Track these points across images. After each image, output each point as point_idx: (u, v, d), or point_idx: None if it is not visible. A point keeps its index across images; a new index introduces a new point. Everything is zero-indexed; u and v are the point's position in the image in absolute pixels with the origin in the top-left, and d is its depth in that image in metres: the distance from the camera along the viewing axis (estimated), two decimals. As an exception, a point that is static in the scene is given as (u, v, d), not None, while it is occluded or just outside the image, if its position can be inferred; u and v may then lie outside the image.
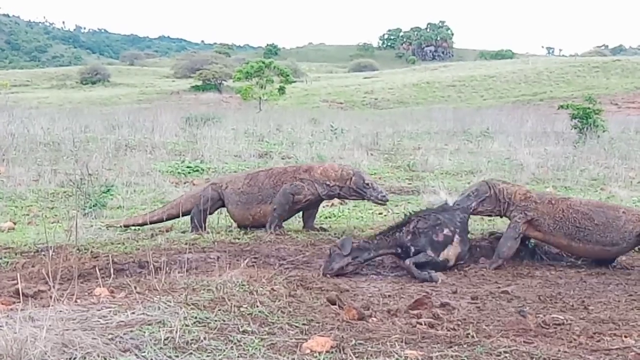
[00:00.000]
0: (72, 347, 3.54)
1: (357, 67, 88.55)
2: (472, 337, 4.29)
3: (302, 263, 6.69)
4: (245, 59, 70.21)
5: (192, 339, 3.84)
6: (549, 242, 7.05)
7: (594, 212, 6.84)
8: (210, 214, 8.36)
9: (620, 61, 65.36)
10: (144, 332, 3.87)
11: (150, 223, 8.35)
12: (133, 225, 8.51)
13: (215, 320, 4.20)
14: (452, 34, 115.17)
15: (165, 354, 3.60)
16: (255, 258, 6.65)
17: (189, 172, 13.62)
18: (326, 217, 9.37)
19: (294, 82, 49.84)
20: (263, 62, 44.35)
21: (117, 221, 8.82)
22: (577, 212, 6.83)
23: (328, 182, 7.95)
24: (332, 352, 3.83)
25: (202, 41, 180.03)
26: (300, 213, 8.37)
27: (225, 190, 8.30)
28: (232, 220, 8.51)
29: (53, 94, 57.77)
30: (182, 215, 8.54)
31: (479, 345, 4.08)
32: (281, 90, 43.24)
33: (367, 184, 7.84)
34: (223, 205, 8.41)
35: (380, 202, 7.92)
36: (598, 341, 4.29)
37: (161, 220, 8.55)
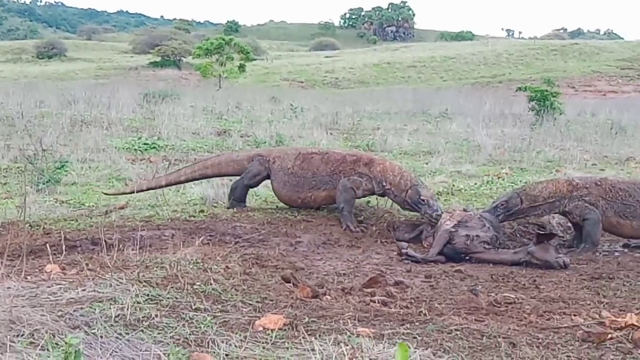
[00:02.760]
0: (19, 324, 3.47)
1: (318, 46, 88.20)
2: (425, 315, 4.33)
3: (258, 241, 6.66)
4: (205, 35, 69.28)
5: (143, 317, 3.81)
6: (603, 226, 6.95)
7: (633, 189, 6.92)
8: (254, 187, 8.42)
9: (579, 45, 66.22)
10: (95, 309, 3.82)
11: (176, 184, 8.65)
12: (156, 188, 8.49)
13: (168, 298, 4.17)
14: (414, 15, 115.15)
15: (115, 331, 3.56)
16: (210, 236, 6.62)
17: (146, 149, 13.46)
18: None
19: (255, 60, 49.45)
20: (223, 39, 43.81)
21: (138, 184, 8.75)
22: (621, 190, 6.88)
23: (384, 183, 7.62)
24: (284, 330, 3.83)
25: (162, 16, 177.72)
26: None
27: (273, 165, 8.06)
28: (196, 194, 8.53)
29: (8, 68, 56.56)
30: (215, 177, 8.77)
31: (430, 323, 4.12)
32: (241, 68, 42.85)
33: (423, 200, 7.34)
34: (266, 179, 8.27)
35: (433, 220, 7.30)
36: (548, 320, 4.36)
37: (192, 180, 8.70)
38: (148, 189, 8.49)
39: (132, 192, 8.53)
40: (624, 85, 48.47)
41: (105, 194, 8.92)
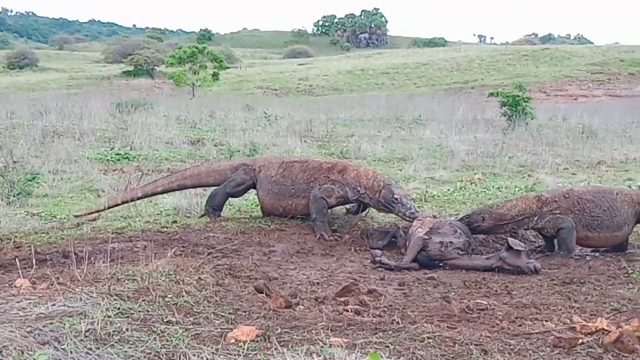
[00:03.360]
0: (-13, 341, 3.43)
1: (292, 54, 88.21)
2: (397, 323, 4.34)
3: (232, 251, 6.63)
4: (178, 44, 69.12)
5: (114, 331, 3.77)
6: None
7: (598, 198, 6.91)
8: (236, 197, 8.39)
9: (549, 50, 66.82)
10: (64, 324, 3.78)
11: (152, 195, 8.51)
12: (131, 201, 8.27)
13: (139, 311, 4.13)
14: (386, 22, 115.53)
15: (85, 346, 3.53)
16: (183, 247, 6.58)
17: (118, 159, 13.36)
18: (257, 204, 9.18)
19: (228, 68, 49.29)
20: (196, 48, 43.69)
21: (114, 198, 8.52)
22: (587, 202, 6.87)
23: (358, 188, 7.61)
24: (257, 341, 3.81)
25: (134, 25, 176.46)
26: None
27: (258, 174, 8.05)
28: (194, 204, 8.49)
29: (-22, 79, 55.90)
30: (194, 188, 8.67)
31: (403, 332, 4.13)
32: (215, 76, 42.72)
33: (396, 199, 7.38)
34: (250, 188, 8.27)
35: (408, 218, 7.36)
36: (520, 326, 4.39)
37: (169, 191, 8.56)
38: (123, 203, 8.28)
39: (104, 209, 8.31)
40: (594, 90, 49.01)
41: (76, 215, 8.34)
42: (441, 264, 6.46)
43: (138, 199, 8.33)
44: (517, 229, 7.14)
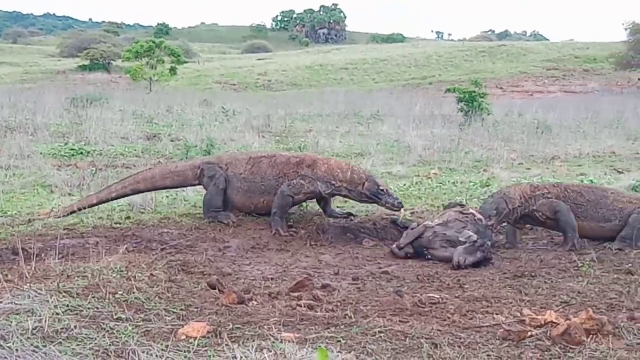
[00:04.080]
0: None
1: (251, 49, 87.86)
2: (350, 317, 4.35)
3: (186, 247, 6.57)
4: (135, 38, 68.16)
5: (62, 328, 3.72)
6: (554, 226, 7.29)
7: (585, 190, 7.34)
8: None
9: (506, 46, 67.64)
10: (11, 322, 3.72)
11: (107, 201, 8.09)
12: (88, 207, 7.90)
13: (88, 308, 4.08)
14: (345, 17, 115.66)
15: (32, 344, 3.47)
16: (136, 243, 6.51)
17: (73, 155, 13.14)
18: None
19: (186, 62, 48.98)
20: (153, 42, 43.28)
21: (65, 208, 7.99)
22: (573, 192, 7.25)
23: (333, 182, 7.56)
24: (207, 337, 3.80)
25: (90, 19, 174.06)
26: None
27: (227, 171, 7.86)
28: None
29: None
30: (149, 191, 8.26)
31: (355, 326, 4.14)
32: (172, 70, 42.37)
33: (382, 190, 7.45)
34: None
35: (395, 208, 7.46)
36: (470, 319, 4.43)
37: (125, 196, 8.17)
38: (71, 213, 7.78)
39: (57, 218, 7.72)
40: (550, 86, 49.69)
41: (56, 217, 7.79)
42: (426, 253, 6.57)
43: (93, 205, 8.01)
44: (520, 214, 7.24)
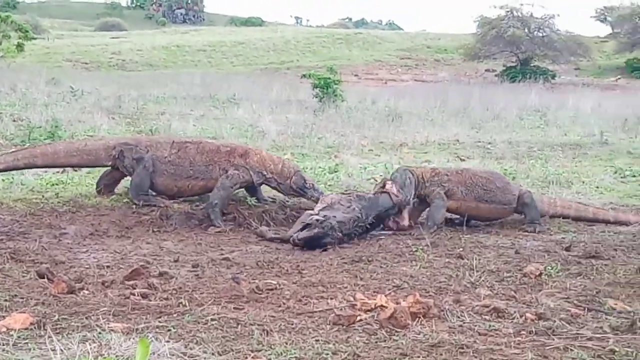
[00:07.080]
0: None
1: (104, 26, 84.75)
2: (184, 306, 4.30)
3: (18, 234, 6.26)
4: (-21, 11, 64.38)
5: None
6: (461, 209, 7.62)
7: (494, 177, 7.90)
8: None
9: (362, 34, 68.92)
10: None
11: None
12: None
13: None
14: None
15: None
16: (-37, 230, 6.14)
17: None
18: (53, 184, 8.73)
19: (35, 39, 46.59)
20: (-1, 16, 40.96)
21: None
22: (482, 178, 7.72)
23: (264, 172, 7.73)
24: (30, 329, 3.64)
25: None
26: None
27: (146, 154, 7.62)
28: None
29: None
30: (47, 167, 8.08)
31: (188, 314, 4.09)
32: (19, 47, 40.04)
33: (308, 185, 7.80)
34: None
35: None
36: (305, 304, 4.49)
37: (12, 169, 7.80)
38: None
39: None
40: (402, 74, 51.15)
41: None
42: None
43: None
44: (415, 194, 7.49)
